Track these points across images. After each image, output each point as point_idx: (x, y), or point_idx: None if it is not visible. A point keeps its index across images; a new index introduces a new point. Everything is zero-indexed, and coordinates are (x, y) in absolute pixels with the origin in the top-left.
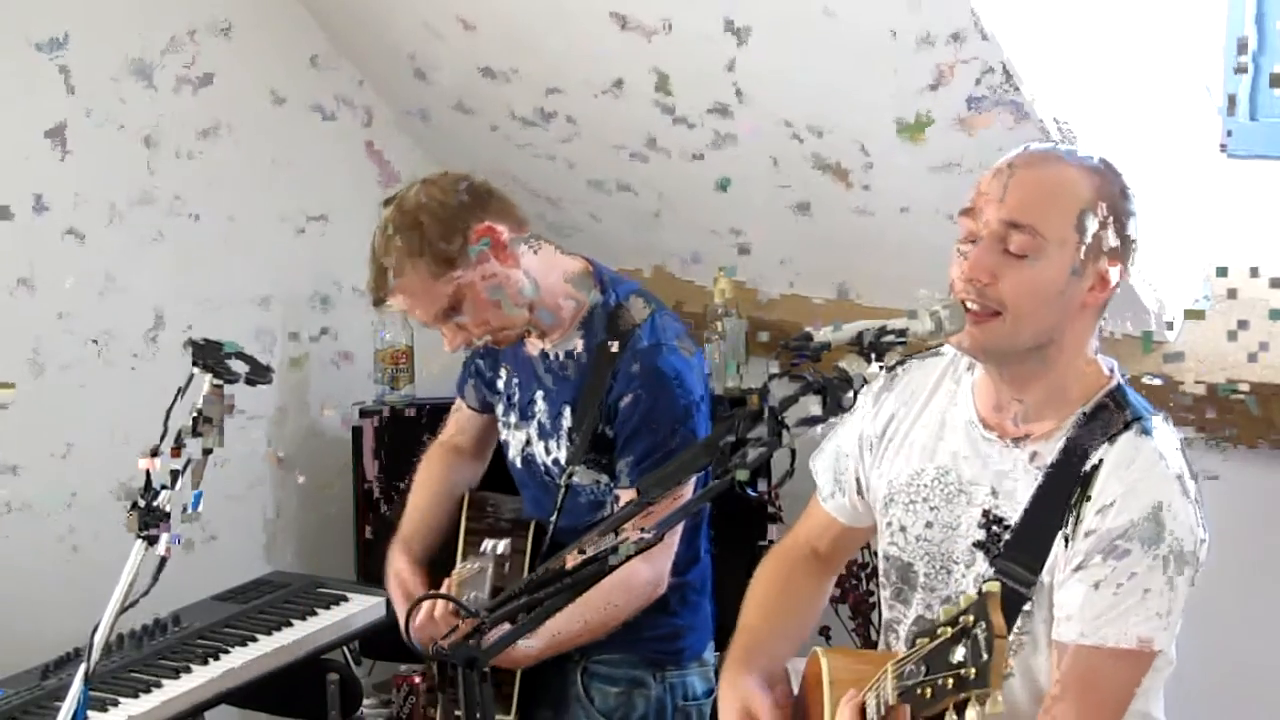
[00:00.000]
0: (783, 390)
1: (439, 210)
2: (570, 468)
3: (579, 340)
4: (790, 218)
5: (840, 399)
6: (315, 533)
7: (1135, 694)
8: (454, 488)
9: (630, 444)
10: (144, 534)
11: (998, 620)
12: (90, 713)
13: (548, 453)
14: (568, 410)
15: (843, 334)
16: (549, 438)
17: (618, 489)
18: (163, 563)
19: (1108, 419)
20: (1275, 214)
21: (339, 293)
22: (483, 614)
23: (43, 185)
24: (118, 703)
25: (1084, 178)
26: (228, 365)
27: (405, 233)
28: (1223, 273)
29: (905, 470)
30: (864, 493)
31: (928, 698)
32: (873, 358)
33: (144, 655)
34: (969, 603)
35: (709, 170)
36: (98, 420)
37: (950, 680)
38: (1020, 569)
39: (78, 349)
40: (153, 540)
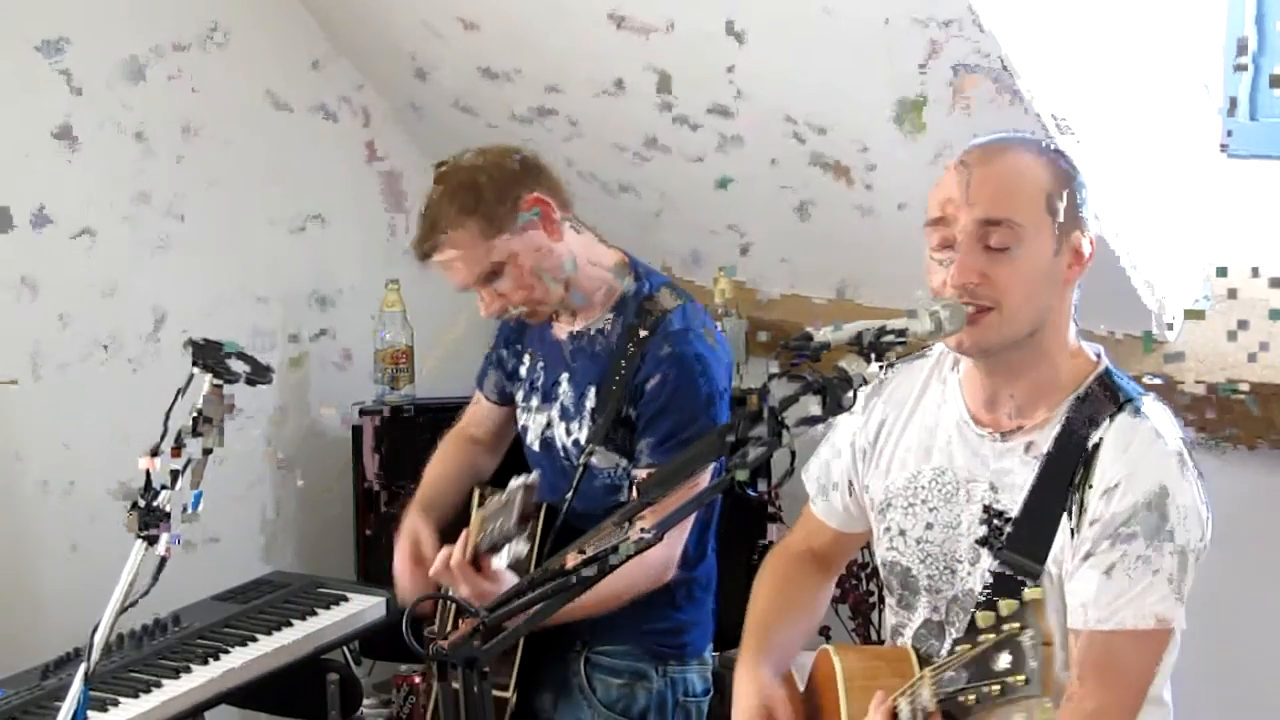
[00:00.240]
0: (783, 390)
1: (495, 173)
2: (590, 445)
3: (610, 320)
4: (791, 217)
5: (840, 399)
6: (315, 533)
7: (1156, 673)
8: (471, 468)
9: (653, 424)
10: (144, 534)
11: (1046, 627)
12: (90, 713)
13: (568, 434)
14: (592, 390)
15: (843, 334)
16: (571, 419)
17: (636, 470)
18: (163, 563)
19: (1100, 403)
20: (1275, 214)
21: (339, 293)
22: (482, 613)
23: (44, 186)
24: (118, 703)
25: (1037, 160)
26: (227, 365)
27: (461, 191)
28: (1223, 273)
29: (901, 474)
30: (858, 497)
31: (971, 704)
32: (873, 358)
33: (144, 655)
34: (1011, 610)
35: (710, 170)
36: (98, 420)
37: (997, 687)
38: (1025, 559)
39: (78, 349)
40: (153, 540)
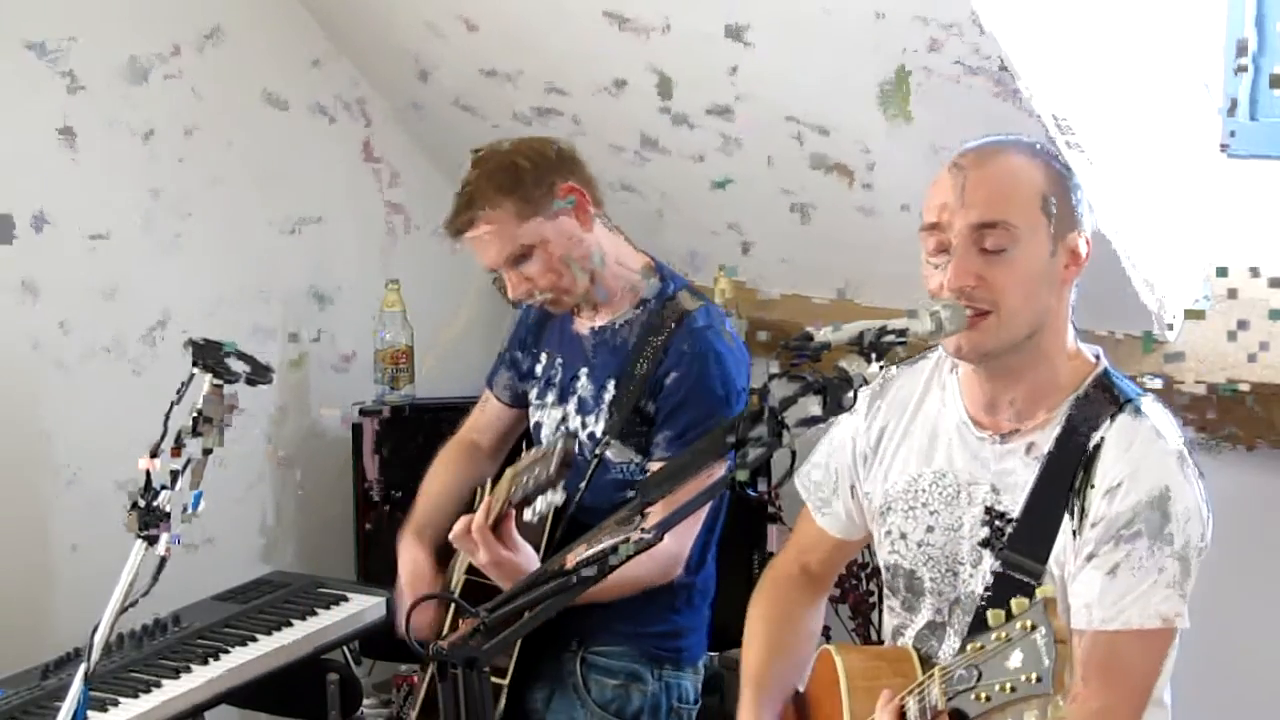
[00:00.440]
0: (783, 390)
1: (534, 158)
2: (606, 437)
3: (633, 316)
4: (791, 217)
5: (840, 399)
6: (315, 533)
7: (1161, 672)
8: (470, 481)
9: (672, 418)
10: (144, 534)
11: (1060, 625)
12: (90, 713)
13: (584, 427)
14: (612, 384)
15: (843, 334)
16: (588, 413)
17: (650, 463)
18: (163, 563)
19: (1100, 403)
20: (1275, 214)
21: (339, 293)
22: (482, 613)
23: (44, 187)
24: (118, 703)
25: (1031, 161)
26: (228, 365)
27: (500, 172)
28: (1223, 273)
29: (902, 478)
30: (860, 501)
31: (983, 701)
32: (873, 358)
33: (144, 655)
34: (1022, 609)
35: (710, 170)
36: (98, 420)
37: (1008, 685)
38: (1027, 559)
39: (78, 349)
40: (153, 540)
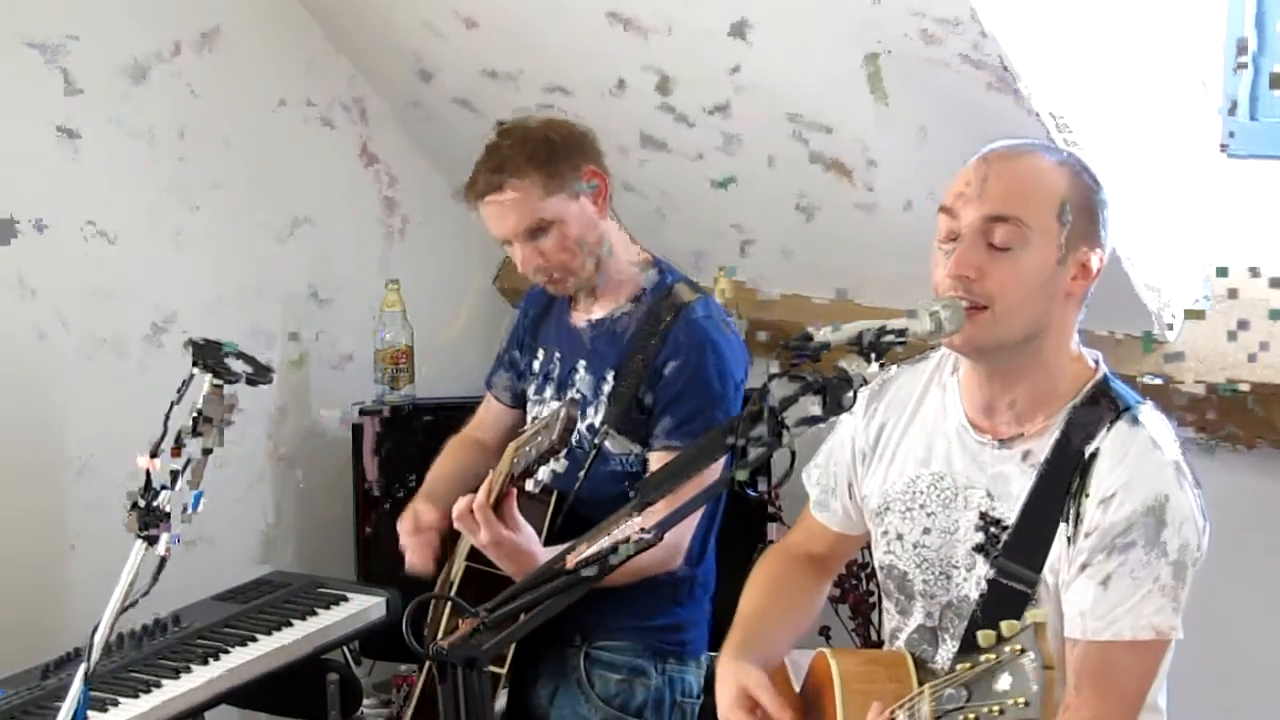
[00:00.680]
0: (783, 390)
1: (566, 134)
2: (605, 428)
3: (632, 308)
4: (792, 217)
5: (840, 399)
6: (315, 533)
7: (1153, 683)
8: (475, 470)
9: (671, 407)
10: (144, 534)
11: (1047, 651)
12: (90, 713)
13: (584, 418)
14: (611, 375)
15: (843, 334)
16: (587, 405)
17: (650, 453)
18: (163, 563)
19: (1098, 411)
20: (1275, 214)
21: (339, 293)
22: (482, 613)
23: (44, 187)
24: (118, 703)
25: (1058, 168)
26: (228, 365)
27: (533, 142)
28: (1223, 273)
29: (900, 478)
30: (858, 501)
31: None
32: (873, 358)
33: (144, 655)
34: (1013, 631)
35: (711, 169)
36: (98, 420)
37: (995, 708)
38: (1021, 568)
39: (78, 349)
40: (153, 540)
